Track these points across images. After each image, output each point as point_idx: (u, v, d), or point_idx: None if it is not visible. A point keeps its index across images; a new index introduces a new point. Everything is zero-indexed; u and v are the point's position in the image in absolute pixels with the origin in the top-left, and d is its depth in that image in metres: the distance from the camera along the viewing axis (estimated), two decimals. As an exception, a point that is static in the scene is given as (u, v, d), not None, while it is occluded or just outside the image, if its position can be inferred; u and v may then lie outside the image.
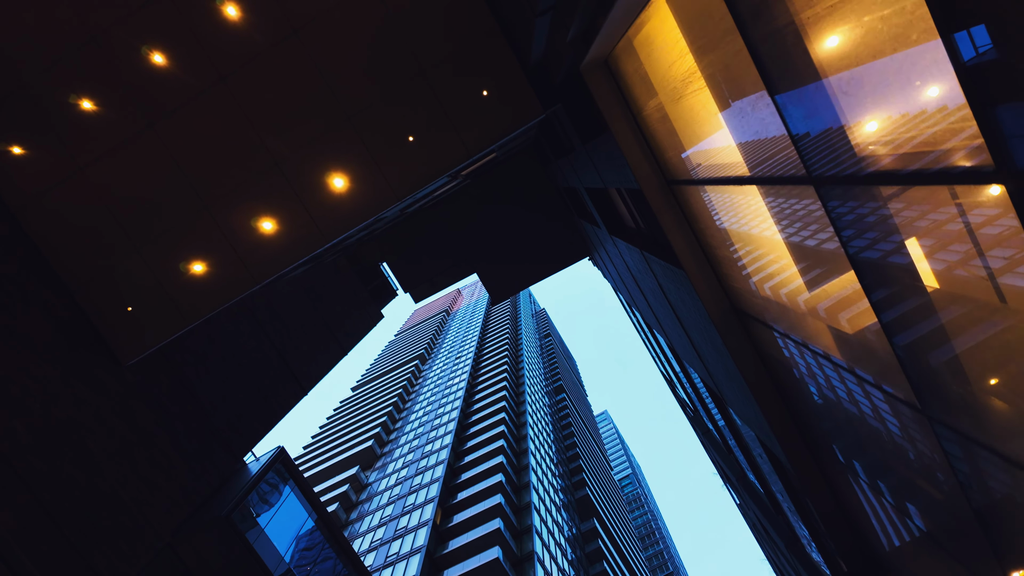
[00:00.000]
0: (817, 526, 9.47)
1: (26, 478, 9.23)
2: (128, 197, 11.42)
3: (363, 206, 11.47)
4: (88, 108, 11.07)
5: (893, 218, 3.10)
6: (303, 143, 11.24)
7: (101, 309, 11.68)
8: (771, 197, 4.35)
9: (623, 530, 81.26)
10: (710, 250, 6.61)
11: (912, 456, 4.58)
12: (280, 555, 27.53)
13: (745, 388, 8.28)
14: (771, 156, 4.05)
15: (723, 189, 5.26)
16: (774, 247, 5.10)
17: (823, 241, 4.18)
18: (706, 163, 5.40)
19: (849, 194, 3.31)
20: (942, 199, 2.65)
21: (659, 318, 15.40)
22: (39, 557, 8.92)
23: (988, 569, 4.39)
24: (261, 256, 11.64)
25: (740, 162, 4.57)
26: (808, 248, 4.51)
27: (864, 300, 4.03)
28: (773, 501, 14.55)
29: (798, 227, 4.41)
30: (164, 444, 11.95)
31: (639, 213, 10.31)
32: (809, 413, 6.88)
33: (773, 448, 8.80)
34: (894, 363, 4.02)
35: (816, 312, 5.07)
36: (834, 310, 4.67)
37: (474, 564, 41.96)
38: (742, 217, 5.43)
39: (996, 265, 2.58)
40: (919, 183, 2.72)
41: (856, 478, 6.30)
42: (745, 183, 4.66)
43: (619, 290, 26.95)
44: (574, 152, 13.86)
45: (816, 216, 3.93)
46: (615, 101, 6.65)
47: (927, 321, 3.40)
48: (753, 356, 7.13)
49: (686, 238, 6.92)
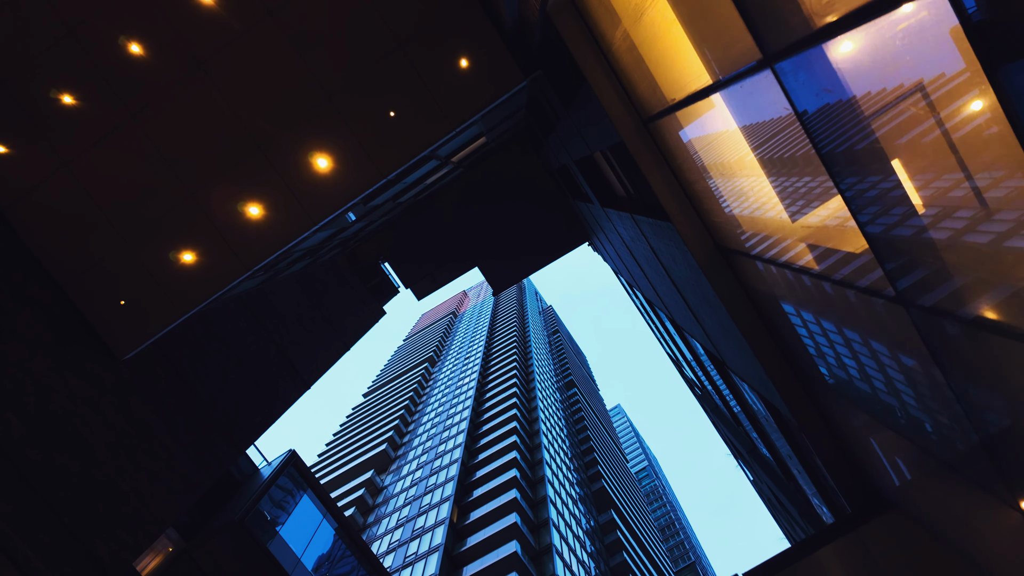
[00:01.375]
0: (822, 478, 9.31)
1: (22, 468, 9.22)
2: (114, 191, 11.41)
3: (349, 185, 11.41)
4: (69, 102, 11.07)
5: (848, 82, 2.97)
6: (285, 125, 11.19)
7: (93, 304, 11.67)
8: (731, 100, 4.22)
9: (642, 522, 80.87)
10: (689, 187, 6.49)
11: (896, 360, 4.44)
12: (297, 557, 27.55)
13: (738, 336, 8.15)
14: (728, 50, 3.93)
15: (692, 111, 5.13)
16: (744, 165, 4.97)
17: (791, 146, 4.05)
18: (672, 88, 5.28)
19: (806, 65, 3.17)
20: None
21: (657, 289, 15.25)
22: (39, 546, 8.90)
23: (987, 477, 4.24)
24: (250, 242, 11.60)
25: (702, 71, 4.45)
26: (777, 158, 4.39)
27: (836, 199, 3.90)
28: (783, 467, 14.38)
29: (765, 135, 4.29)
30: (163, 435, 11.92)
31: (623, 169, 10.20)
32: (798, 347, 6.74)
33: (772, 398, 8.66)
34: (869, 257, 3.89)
35: (792, 229, 4.94)
36: (809, 220, 4.54)
37: (493, 559, 41.85)
38: (712, 143, 5.30)
39: (981, 182, 2.44)
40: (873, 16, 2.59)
41: (849, 406, 6.15)
42: (708, 94, 4.54)
43: (620, 272, 26.79)
44: (560, 124, 13.76)
45: (782, 113, 3.80)
46: (585, 41, 6.54)
47: (899, 208, 3.27)
48: (741, 296, 6.99)
49: (665, 178, 6.80)
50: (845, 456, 7.54)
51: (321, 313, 22.35)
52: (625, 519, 68.24)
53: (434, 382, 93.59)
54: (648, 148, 6.78)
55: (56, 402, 10.34)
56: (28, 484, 9.18)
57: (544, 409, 72.65)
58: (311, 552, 27.41)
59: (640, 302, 26.59)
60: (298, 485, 29.23)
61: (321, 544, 28.55)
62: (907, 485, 5.99)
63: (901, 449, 5.43)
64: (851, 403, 5.89)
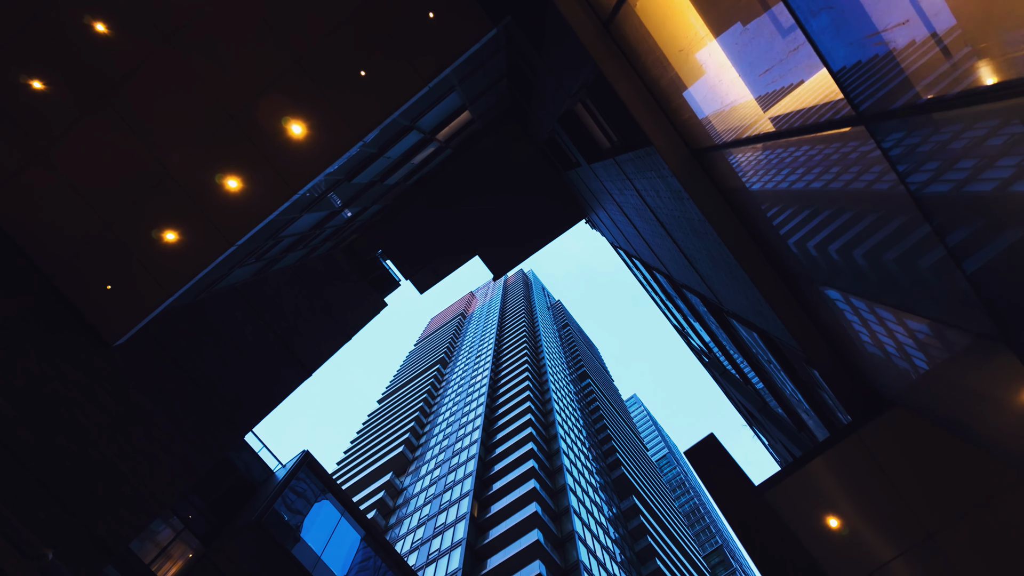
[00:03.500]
0: (829, 412, 9.07)
1: (13, 448, 9.15)
2: (93, 175, 11.35)
3: (325, 150, 11.28)
4: (41, 88, 11.02)
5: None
6: (255, 94, 11.08)
7: (80, 290, 11.61)
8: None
9: (665, 507, 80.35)
10: (654, 85, 6.29)
11: (870, 204, 4.23)
12: (317, 556, 27.46)
13: (727, 257, 7.94)
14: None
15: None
16: (699, 42, 4.78)
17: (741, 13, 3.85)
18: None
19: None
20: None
21: (650, 243, 15.02)
22: (35, 523, 8.82)
23: (982, 321, 4.02)
24: (231, 216, 11.50)
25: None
26: (729, 34, 4.20)
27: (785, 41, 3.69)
28: (792, 414, 14.13)
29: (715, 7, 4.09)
30: (160, 419, 11.84)
31: (598, 106, 10.01)
32: (780, 243, 6.52)
33: (768, 324, 8.44)
34: (829, 89, 3.69)
35: (750, 105, 4.74)
36: (767, 85, 4.34)
37: (516, 549, 41.66)
38: (667, 25, 5.11)
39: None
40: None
41: (837, 301, 5.93)
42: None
43: (619, 245, 26.55)
44: (538, 80, 13.58)
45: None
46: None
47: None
48: (720, 203, 6.78)
49: (633, 84, 6.60)
50: (843, 365, 7.31)
51: (320, 305, 22.28)
52: (647, 504, 67.83)
53: (447, 382, 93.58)
54: (613, 56, 6.60)
55: (48, 387, 10.27)
56: (21, 464, 9.11)
57: (558, 401, 72.40)
58: (331, 550, 27.35)
59: (642, 274, 26.34)
60: (315, 486, 29.21)
61: (341, 541, 28.49)
62: (903, 372, 5.76)
63: (893, 328, 5.21)
64: (841, 291, 5.68)
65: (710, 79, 5.06)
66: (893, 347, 5.51)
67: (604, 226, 25.32)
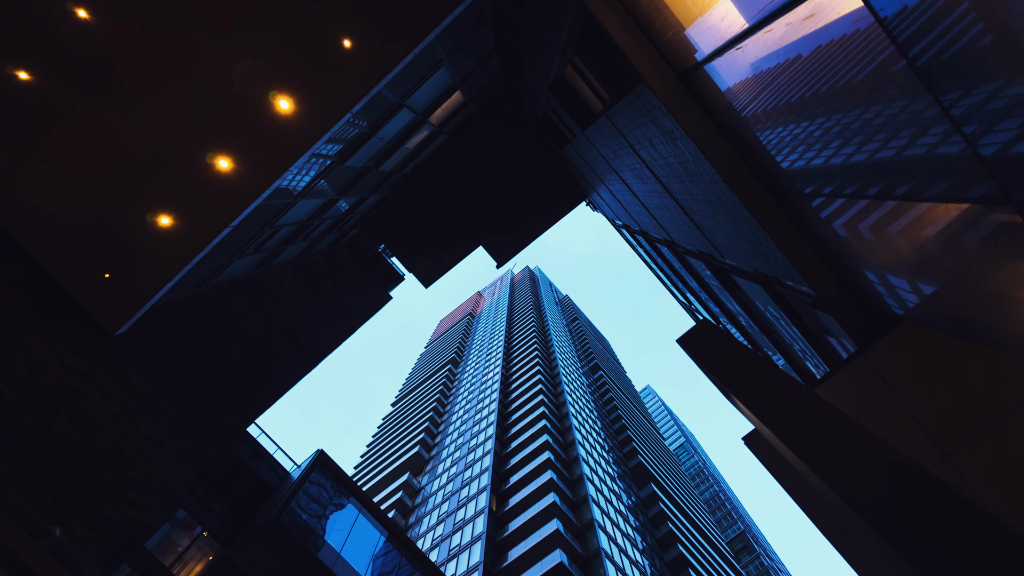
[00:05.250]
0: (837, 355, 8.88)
1: (18, 434, 9.13)
2: (84, 162, 11.34)
3: (313, 124, 11.20)
4: (27, 78, 11.01)
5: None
6: (241, 72, 11.01)
7: (78, 279, 11.59)
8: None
9: (685, 493, 79.88)
10: (635, 8, 6.15)
11: (864, 85, 4.06)
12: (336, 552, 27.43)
13: (726, 194, 7.78)
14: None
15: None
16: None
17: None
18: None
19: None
20: None
21: (648, 205, 14.84)
22: (43, 505, 8.79)
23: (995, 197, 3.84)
24: (224, 196, 11.44)
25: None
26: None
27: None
28: (804, 374, 13.92)
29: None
30: (165, 405, 11.81)
31: (584, 58, 9.86)
32: (770, 161, 6.35)
33: (769, 258, 8.25)
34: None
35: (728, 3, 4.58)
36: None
37: (535, 540, 41.50)
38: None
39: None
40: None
41: (836, 212, 5.75)
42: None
43: (621, 224, 26.34)
44: (525, 46, 13.44)
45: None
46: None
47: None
48: (711, 128, 6.62)
49: (616, 15, 6.46)
50: (848, 291, 7.12)
51: (324, 297, 22.25)
52: (666, 491, 67.51)
53: (459, 382, 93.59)
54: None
55: (50, 374, 10.26)
56: (26, 448, 9.09)
57: (571, 393, 72.21)
58: (351, 547, 27.33)
59: (646, 251, 26.10)
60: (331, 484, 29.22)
61: (360, 538, 28.48)
62: (910, 275, 5.57)
63: (898, 227, 5.03)
64: (840, 198, 5.50)
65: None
66: (899, 248, 5.32)
67: (604, 203, 25.11)
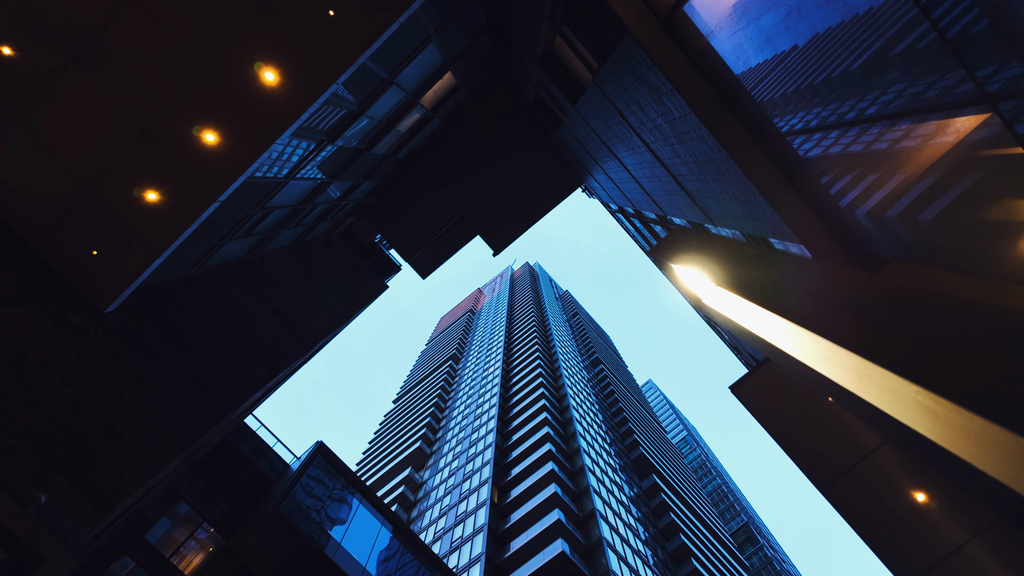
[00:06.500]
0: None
1: (4, 405, 9.06)
2: (69, 138, 11.26)
3: (300, 95, 11.11)
4: (9, 54, 10.93)
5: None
6: (226, 44, 10.93)
7: (66, 257, 11.52)
8: None
9: (687, 485, 79.85)
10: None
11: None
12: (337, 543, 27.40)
13: (710, 147, 7.69)
14: None
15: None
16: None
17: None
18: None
19: None
20: None
21: (640, 180, 14.75)
22: (31, 475, 8.74)
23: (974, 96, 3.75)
24: (211, 170, 11.37)
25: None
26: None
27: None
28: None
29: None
30: (157, 382, 11.75)
31: (570, 20, 9.77)
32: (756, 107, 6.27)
33: (759, 217, 8.17)
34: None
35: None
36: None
37: (537, 530, 41.48)
38: None
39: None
40: None
41: (828, 130, 5.67)
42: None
43: (617, 208, 26.24)
44: (512, 18, 13.33)
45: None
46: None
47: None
48: (693, 73, 6.54)
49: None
50: (836, 240, 7.04)
51: (319, 284, 22.19)
52: (668, 482, 67.51)
53: (460, 377, 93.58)
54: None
55: (37, 348, 10.19)
56: (13, 418, 9.03)
57: (572, 386, 72.18)
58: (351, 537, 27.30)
59: (641, 235, 26.00)
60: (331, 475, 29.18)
61: (361, 528, 28.45)
62: (899, 208, 5.49)
63: (888, 153, 4.94)
64: (829, 128, 5.42)
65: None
66: (890, 181, 5.23)
67: (599, 187, 25.01)
